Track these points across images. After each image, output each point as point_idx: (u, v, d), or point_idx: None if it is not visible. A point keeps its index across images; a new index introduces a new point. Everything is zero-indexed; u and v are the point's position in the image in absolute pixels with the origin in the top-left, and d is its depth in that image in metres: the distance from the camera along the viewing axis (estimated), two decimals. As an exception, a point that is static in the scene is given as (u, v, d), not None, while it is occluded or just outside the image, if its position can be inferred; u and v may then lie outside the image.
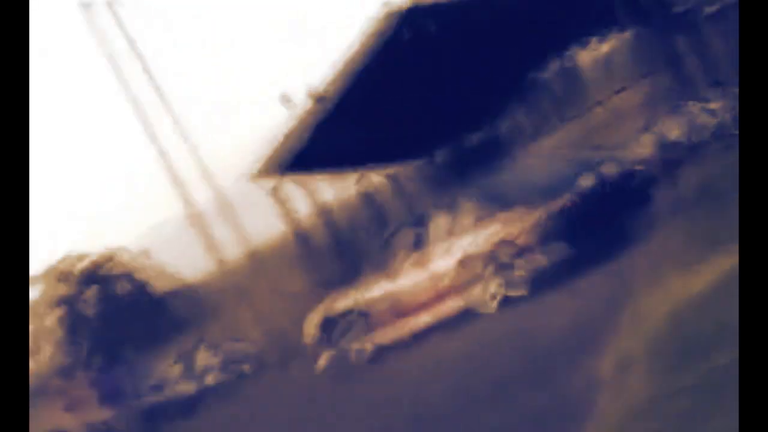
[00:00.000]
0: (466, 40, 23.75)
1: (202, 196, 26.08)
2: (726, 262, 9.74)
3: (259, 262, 41.64)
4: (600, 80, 43.30)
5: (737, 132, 18.61)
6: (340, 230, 31.84)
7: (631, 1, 21.32)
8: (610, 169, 15.65)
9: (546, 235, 14.85)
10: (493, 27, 23.39)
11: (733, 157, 7.62)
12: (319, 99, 22.52)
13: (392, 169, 32.74)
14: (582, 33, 30.49)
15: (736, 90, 18.77)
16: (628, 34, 24.05)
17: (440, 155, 31.18)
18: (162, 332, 47.67)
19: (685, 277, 10.38)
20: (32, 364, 55.10)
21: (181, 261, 48.21)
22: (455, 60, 24.36)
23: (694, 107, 19.66)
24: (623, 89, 31.95)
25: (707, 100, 19.55)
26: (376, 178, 31.92)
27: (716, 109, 19.20)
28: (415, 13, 21.71)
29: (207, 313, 37.01)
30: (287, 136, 23.25)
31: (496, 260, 15.00)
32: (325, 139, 24.77)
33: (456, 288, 15.39)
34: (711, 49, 24.04)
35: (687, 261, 11.01)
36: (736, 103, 18.65)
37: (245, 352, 29.89)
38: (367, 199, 30.46)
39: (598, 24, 27.20)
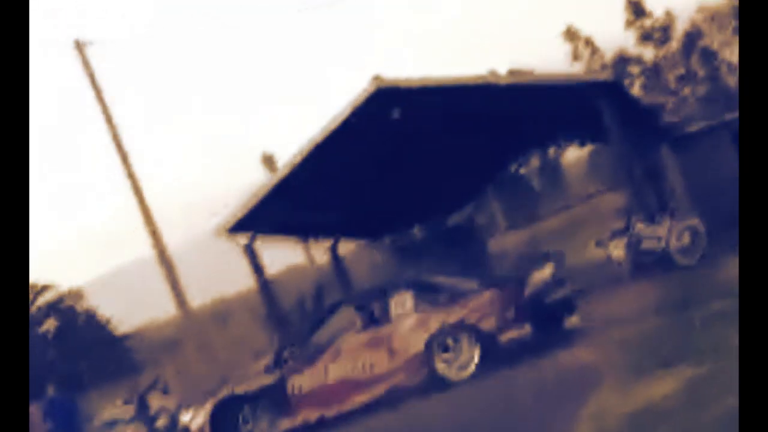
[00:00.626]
0: (452, 125, 24.03)
1: (173, 242, 26.39)
2: (688, 372, 9.82)
3: (222, 312, 42.02)
4: (580, 180, 43.99)
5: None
6: (302, 294, 32.22)
7: (616, 115, 21.57)
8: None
9: (507, 319, 14.92)
10: (482, 115, 23.66)
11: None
12: (296, 165, 22.77)
13: (362, 242, 33.20)
14: (568, 133, 30.96)
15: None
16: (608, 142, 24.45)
17: (414, 234, 31.52)
18: (118, 371, 47.78)
19: (647, 382, 10.24)
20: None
21: (145, 303, 48.57)
22: (442, 141, 24.63)
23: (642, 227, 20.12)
24: (601, 192, 32.26)
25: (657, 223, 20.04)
26: (348, 246, 32.35)
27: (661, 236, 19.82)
28: (405, 93, 21.75)
29: (164, 356, 37.06)
30: (262, 196, 23.44)
31: (464, 331, 14.86)
32: (301, 204, 25.06)
33: (408, 364, 15.05)
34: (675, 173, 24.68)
35: (647, 367, 10.89)
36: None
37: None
38: (336, 266, 30.79)
39: (584, 128, 27.52)
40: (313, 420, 15.05)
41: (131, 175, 23.68)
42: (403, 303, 15.34)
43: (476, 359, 14.67)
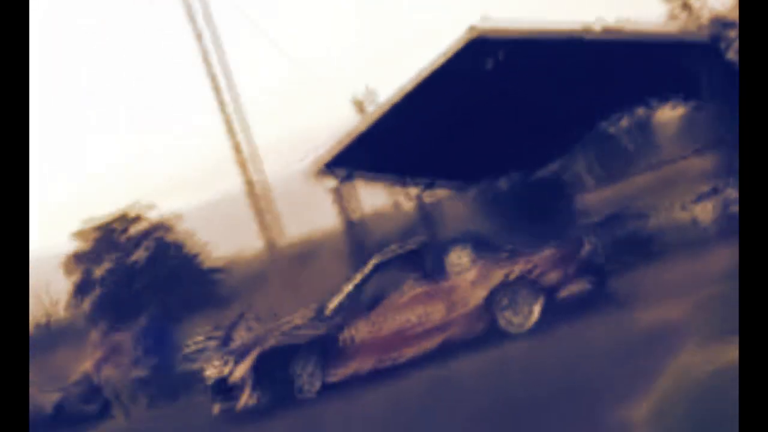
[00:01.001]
0: (546, 77, 24.13)
1: (264, 178, 26.78)
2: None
3: (308, 250, 42.50)
4: (671, 141, 43.63)
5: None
6: (385, 237, 32.57)
7: (711, 77, 21.45)
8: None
9: (567, 274, 15.26)
10: (575, 70, 23.69)
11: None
12: (388, 110, 23.10)
13: (449, 189, 33.45)
14: (660, 93, 30.78)
15: None
16: (702, 104, 24.29)
17: (500, 185, 31.66)
18: (205, 303, 48.72)
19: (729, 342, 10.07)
20: (71, 313, 56.42)
21: (234, 237, 49.30)
22: (532, 94, 24.72)
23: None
24: (693, 153, 32.07)
25: None
26: (438, 193, 32.67)
27: None
28: (499, 43, 21.92)
29: (250, 291, 37.76)
30: (353, 139, 23.80)
31: (528, 284, 15.25)
32: (391, 148, 25.41)
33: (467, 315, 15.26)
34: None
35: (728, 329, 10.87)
36: None
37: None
38: (422, 212, 31.10)
39: (677, 88, 27.38)
40: (365, 371, 15.09)
41: (225, 110, 24.13)
42: (461, 257, 15.62)
43: (536, 314, 15.07)
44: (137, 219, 57.07)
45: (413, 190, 31.08)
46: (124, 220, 56.98)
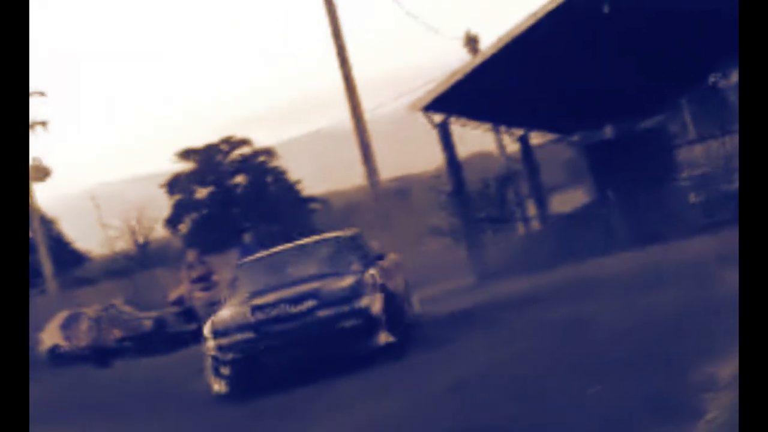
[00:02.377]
0: (658, 26, 23.87)
1: (367, 113, 26.91)
2: None
3: (406, 187, 42.70)
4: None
5: None
6: (487, 180, 32.61)
7: None
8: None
9: None
10: (690, 19, 23.39)
11: None
12: (498, 50, 23.02)
13: (551, 136, 33.32)
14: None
15: None
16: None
17: (604, 133, 31.44)
18: (300, 232, 49.27)
19: None
20: (169, 233, 57.37)
21: (333, 170, 49.74)
22: (643, 42, 24.48)
23: None
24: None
25: None
26: (535, 140, 32.57)
27: None
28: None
29: (346, 223, 38.09)
30: (461, 77, 23.76)
31: None
32: (498, 90, 25.36)
33: None
34: None
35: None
36: None
37: None
38: (526, 156, 31.06)
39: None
40: None
41: (340, 42, 24.27)
42: None
43: None
44: (243, 143, 57.81)
45: (517, 132, 30.99)
46: (230, 142, 57.78)
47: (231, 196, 57.19)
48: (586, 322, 12.60)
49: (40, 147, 67.19)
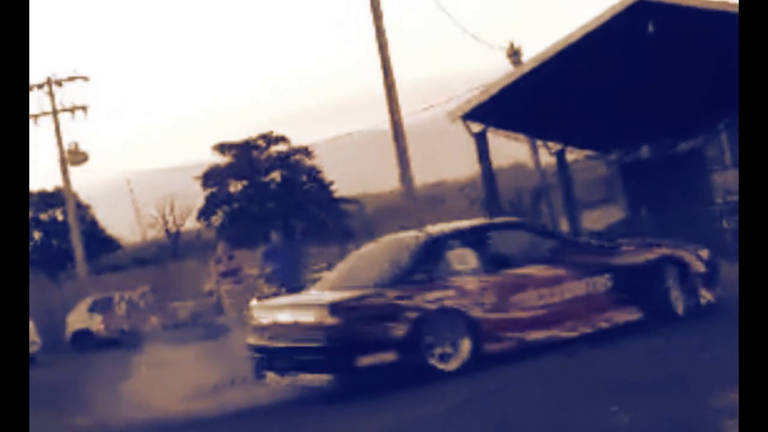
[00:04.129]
0: (702, 50, 23.89)
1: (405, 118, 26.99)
2: None
3: (439, 194, 42.84)
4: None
5: None
6: (521, 191, 32.67)
7: None
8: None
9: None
10: (734, 45, 23.34)
11: None
12: (540, 64, 23.11)
13: (587, 152, 33.36)
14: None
15: None
16: None
17: (641, 153, 31.44)
18: (331, 233, 49.49)
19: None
20: (202, 224, 57.67)
21: (369, 172, 49.86)
22: (686, 64, 24.49)
23: None
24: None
25: None
26: (570, 155, 32.62)
27: None
28: (664, 8, 21.75)
29: (378, 227, 38.19)
30: (501, 89, 23.88)
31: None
32: (537, 104, 25.44)
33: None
34: None
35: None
36: None
37: None
38: (561, 171, 31.08)
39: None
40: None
41: (383, 46, 24.40)
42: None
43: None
44: (280, 140, 58.05)
45: (554, 146, 31.04)
46: (267, 138, 58.02)
47: (265, 192, 57.40)
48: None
49: (79, 131, 67.65)
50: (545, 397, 10.29)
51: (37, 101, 43.55)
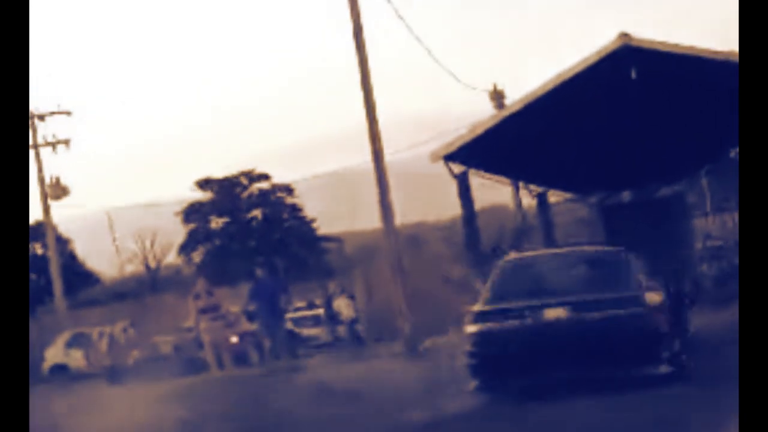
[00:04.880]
0: (683, 97, 24.01)
1: (388, 158, 26.97)
2: None
3: (419, 235, 42.75)
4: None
5: None
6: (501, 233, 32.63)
7: None
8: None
9: None
10: (715, 92, 23.51)
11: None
12: (523, 107, 23.17)
13: (568, 195, 33.39)
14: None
15: None
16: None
17: (622, 197, 31.50)
18: (312, 270, 49.43)
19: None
20: (182, 260, 57.55)
21: (350, 211, 49.94)
22: (669, 111, 24.62)
23: None
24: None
25: None
26: (552, 197, 32.66)
27: None
28: (647, 54, 21.87)
29: (358, 266, 38.14)
30: (483, 131, 23.92)
31: None
32: (518, 147, 25.49)
33: None
34: None
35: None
36: None
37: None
38: (542, 213, 31.10)
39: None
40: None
41: (367, 87, 24.37)
42: None
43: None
44: (262, 177, 58.05)
45: (536, 188, 31.07)
46: (249, 176, 58.03)
47: (246, 229, 57.37)
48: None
49: (60, 165, 67.41)
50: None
51: (19, 134, 43.46)
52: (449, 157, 24.31)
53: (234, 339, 25.82)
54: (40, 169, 42.65)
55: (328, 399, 15.05)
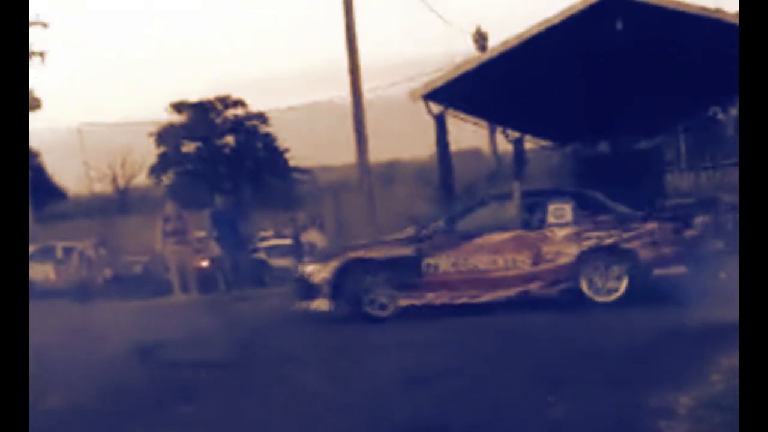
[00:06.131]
0: (666, 51, 23.91)
1: (367, 95, 26.87)
2: None
3: (393, 173, 42.67)
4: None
5: None
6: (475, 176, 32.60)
7: None
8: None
9: (665, 254, 15.04)
10: (699, 48, 23.43)
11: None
12: (505, 50, 23.01)
13: (544, 142, 33.39)
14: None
15: None
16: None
17: (598, 148, 31.51)
18: (282, 200, 49.31)
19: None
20: (152, 182, 57.29)
21: (324, 145, 49.70)
22: (651, 64, 24.54)
23: None
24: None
25: None
26: (528, 144, 32.64)
27: None
28: (634, 6, 21.75)
29: (329, 198, 38.06)
30: (463, 71, 23.75)
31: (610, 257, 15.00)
32: (498, 90, 25.37)
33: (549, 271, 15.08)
34: None
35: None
36: None
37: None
38: (518, 159, 31.06)
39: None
40: (438, 304, 14.94)
41: (349, 16, 24.20)
42: (561, 212, 15.24)
43: (623, 287, 14.73)
44: (237, 103, 57.66)
45: (513, 134, 30.99)
46: (224, 102, 57.63)
47: (218, 155, 57.07)
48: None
49: (34, 78, 66.65)
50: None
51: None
52: (428, 96, 24.15)
53: (204, 263, 25.69)
54: (13, 80, 42.13)
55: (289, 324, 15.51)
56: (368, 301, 15.05)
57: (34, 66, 42.79)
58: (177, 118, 57.55)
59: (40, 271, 34.40)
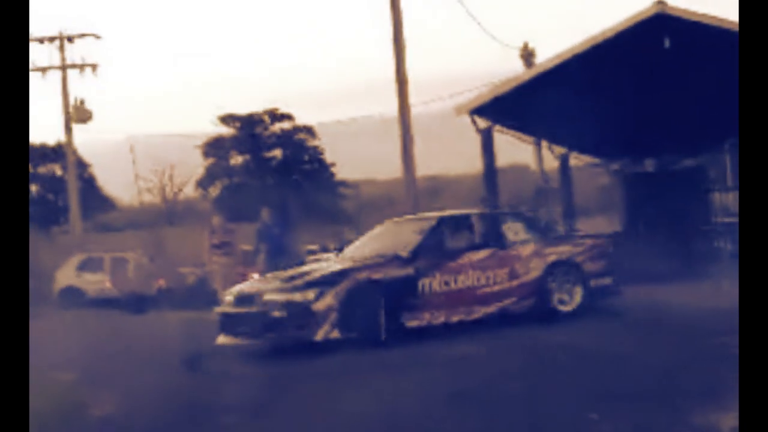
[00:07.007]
0: (714, 70, 23.91)
1: (414, 110, 27.02)
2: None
3: (438, 187, 42.79)
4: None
5: None
6: (521, 192, 32.66)
7: None
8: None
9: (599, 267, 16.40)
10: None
11: None
12: (553, 67, 23.10)
13: (590, 159, 33.38)
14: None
15: None
16: None
17: (644, 165, 31.48)
18: (327, 214, 49.54)
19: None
20: (199, 194, 57.67)
21: (370, 159, 49.94)
22: (698, 82, 24.53)
23: None
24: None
25: None
26: (574, 160, 32.64)
27: None
28: (682, 23, 21.78)
29: (374, 213, 38.15)
30: (511, 88, 23.89)
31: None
32: (546, 106, 25.44)
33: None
34: None
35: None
36: None
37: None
38: (563, 175, 31.04)
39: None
40: (436, 323, 14.72)
41: (397, 28, 24.37)
42: (516, 231, 16.11)
43: (579, 297, 15.89)
44: (285, 117, 58.04)
45: (559, 150, 31.03)
46: (273, 114, 58.02)
47: (265, 167, 57.41)
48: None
49: (86, 89, 67.38)
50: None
51: (47, 55, 43.60)
52: (475, 112, 24.29)
53: (254, 276, 25.84)
54: (64, 90, 42.75)
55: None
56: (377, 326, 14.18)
57: (86, 77, 43.28)
58: (225, 131, 58.03)
59: (92, 281, 34.78)
